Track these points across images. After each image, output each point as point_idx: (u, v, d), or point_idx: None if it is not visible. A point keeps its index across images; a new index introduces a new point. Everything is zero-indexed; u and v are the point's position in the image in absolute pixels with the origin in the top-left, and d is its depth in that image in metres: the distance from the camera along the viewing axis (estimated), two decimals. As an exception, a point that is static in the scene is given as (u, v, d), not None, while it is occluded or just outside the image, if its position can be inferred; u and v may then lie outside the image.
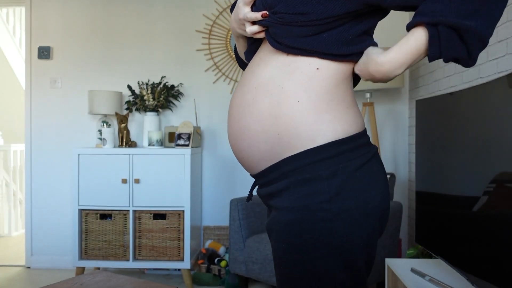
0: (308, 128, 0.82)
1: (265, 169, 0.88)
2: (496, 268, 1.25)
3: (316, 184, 0.80)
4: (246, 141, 0.88)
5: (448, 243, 1.58)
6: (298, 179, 0.82)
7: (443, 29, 0.71)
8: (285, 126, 0.83)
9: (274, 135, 0.84)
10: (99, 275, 1.47)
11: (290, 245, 0.82)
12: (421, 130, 1.87)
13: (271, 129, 0.84)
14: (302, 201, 0.81)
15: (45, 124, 3.26)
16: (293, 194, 0.82)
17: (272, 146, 0.85)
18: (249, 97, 0.88)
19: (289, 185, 0.83)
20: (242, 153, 0.91)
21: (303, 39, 0.81)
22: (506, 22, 1.70)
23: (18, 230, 4.42)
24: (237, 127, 0.90)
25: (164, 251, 2.77)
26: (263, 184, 0.91)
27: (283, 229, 0.83)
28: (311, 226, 0.80)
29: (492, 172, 1.27)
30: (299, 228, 0.81)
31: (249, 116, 0.87)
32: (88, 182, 2.76)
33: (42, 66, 3.26)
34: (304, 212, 0.80)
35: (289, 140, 0.83)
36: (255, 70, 0.89)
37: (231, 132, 0.93)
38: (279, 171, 0.85)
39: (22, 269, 3.21)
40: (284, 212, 0.84)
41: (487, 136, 1.31)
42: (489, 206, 1.30)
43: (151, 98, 3.00)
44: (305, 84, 0.83)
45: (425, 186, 1.82)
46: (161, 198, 2.75)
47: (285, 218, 0.83)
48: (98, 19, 3.25)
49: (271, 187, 0.88)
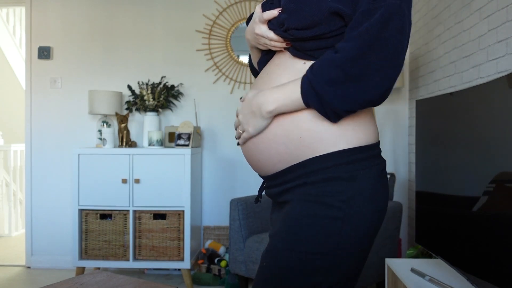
0: (333, 133, 0.84)
1: (283, 170, 0.88)
2: (496, 268, 1.25)
3: (337, 183, 0.82)
4: (264, 144, 0.89)
5: (448, 243, 1.58)
6: (320, 177, 0.84)
7: (306, 86, 0.81)
8: (308, 129, 0.84)
9: (296, 138, 0.85)
10: (99, 275, 1.47)
11: (293, 234, 0.84)
12: (421, 130, 1.87)
13: (292, 132, 0.85)
14: (320, 194, 0.83)
15: (45, 124, 3.26)
16: (311, 188, 0.84)
17: (292, 149, 0.86)
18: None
19: (308, 182, 0.84)
20: (258, 155, 0.92)
21: (320, 51, 0.84)
22: (506, 22, 1.70)
23: (18, 230, 4.43)
24: None
25: (164, 251, 2.77)
26: (278, 184, 0.91)
27: (294, 217, 0.84)
28: (322, 222, 0.82)
29: (492, 172, 1.27)
30: (311, 220, 0.82)
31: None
32: (88, 182, 2.76)
33: (42, 66, 3.26)
34: (320, 205, 0.82)
35: (311, 143, 0.84)
36: (272, 76, 0.91)
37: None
38: (300, 171, 0.86)
39: (22, 269, 3.22)
40: (295, 204, 0.85)
41: (487, 136, 1.31)
42: (489, 206, 1.30)
43: (151, 98, 3.01)
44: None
45: (425, 186, 1.82)
46: (161, 198, 2.75)
47: (300, 208, 0.84)
48: (98, 19, 3.25)
49: (287, 185, 0.89)
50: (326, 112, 0.81)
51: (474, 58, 1.98)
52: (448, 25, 2.29)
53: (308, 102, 0.81)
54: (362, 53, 0.75)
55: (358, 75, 0.76)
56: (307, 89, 0.80)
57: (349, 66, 0.76)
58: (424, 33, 2.70)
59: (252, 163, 0.96)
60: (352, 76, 0.76)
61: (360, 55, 0.75)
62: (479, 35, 1.93)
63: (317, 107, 0.81)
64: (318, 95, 0.79)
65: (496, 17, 1.78)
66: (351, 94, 0.77)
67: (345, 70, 0.76)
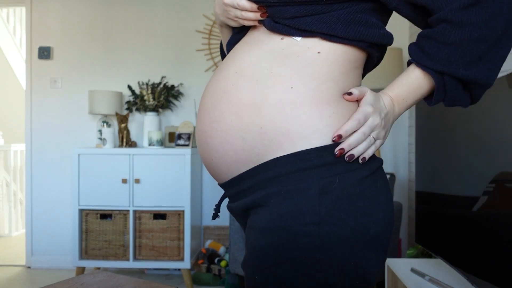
0: (302, 122, 0.64)
1: (237, 176, 0.69)
2: (496, 268, 1.25)
3: (302, 199, 0.62)
4: (217, 137, 0.69)
5: (448, 243, 1.58)
6: (280, 190, 0.63)
7: (448, 79, 0.66)
8: (271, 118, 0.65)
9: (255, 129, 0.65)
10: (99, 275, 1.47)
11: (263, 277, 0.64)
12: (421, 130, 1.87)
13: (251, 121, 0.65)
14: (282, 221, 0.62)
15: (45, 124, 3.26)
16: (271, 211, 0.64)
17: (250, 144, 0.66)
18: (227, 84, 0.70)
19: (267, 199, 0.65)
20: (210, 152, 0.71)
21: (302, 19, 0.66)
22: (506, 22, 1.70)
23: (18, 230, 4.42)
24: (207, 120, 0.71)
25: (164, 251, 2.77)
26: (234, 196, 0.72)
27: (256, 256, 0.66)
28: (291, 255, 0.62)
29: (492, 172, 1.27)
30: (275, 256, 0.63)
31: (225, 106, 0.68)
32: (88, 182, 2.76)
33: (42, 66, 3.26)
34: (283, 236, 0.62)
35: (274, 137, 0.64)
36: (237, 54, 0.73)
37: (199, 127, 0.73)
38: (255, 179, 0.66)
39: (22, 269, 3.22)
40: (258, 234, 0.65)
41: (487, 136, 1.31)
42: (489, 206, 1.30)
43: (151, 98, 3.01)
44: (303, 69, 0.66)
45: (425, 186, 1.82)
46: (161, 198, 2.75)
47: (260, 243, 0.65)
48: (98, 19, 3.25)
49: (244, 200, 0.69)
50: (472, 95, 0.67)
51: (474, 58, 1.98)
52: (448, 25, 2.29)
53: (446, 95, 0.67)
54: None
55: (500, 40, 0.62)
56: (448, 81, 0.65)
57: (494, 40, 0.62)
58: (424, 33, 2.70)
59: (207, 166, 0.75)
60: (496, 44, 0.62)
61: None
62: (479, 35, 1.93)
63: (462, 98, 0.67)
64: (460, 80, 0.65)
65: (496, 17, 1.77)
66: (497, 61, 0.64)
67: (490, 44, 0.62)
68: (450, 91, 0.67)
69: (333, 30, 0.66)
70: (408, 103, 0.71)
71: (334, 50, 0.68)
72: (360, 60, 0.72)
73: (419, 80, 0.68)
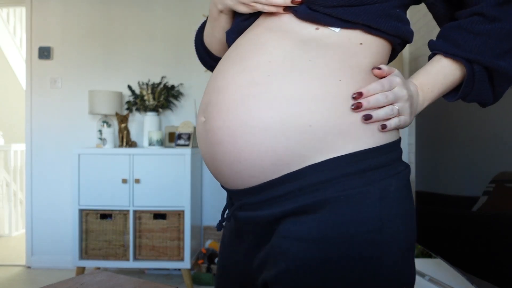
0: (355, 119, 0.59)
1: (274, 180, 0.60)
2: (496, 268, 1.25)
3: (365, 204, 0.57)
4: (251, 136, 0.59)
5: (448, 243, 1.58)
6: (338, 196, 0.57)
7: (478, 69, 0.64)
8: (322, 115, 0.58)
9: (303, 127, 0.57)
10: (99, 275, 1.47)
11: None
12: (421, 130, 1.87)
13: (297, 118, 0.57)
14: (342, 229, 0.56)
15: (45, 124, 3.26)
16: (326, 219, 0.57)
17: (295, 144, 0.58)
18: (259, 74, 0.60)
19: (318, 205, 0.58)
20: (239, 154, 0.60)
21: (346, 9, 0.61)
22: (506, 22, 1.70)
23: (18, 230, 4.42)
24: (233, 116, 0.60)
25: (164, 251, 2.77)
26: (258, 204, 0.63)
27: (308, 269, 0.57)
28: (352, 271, 0.56)
29: (492, 172, 1.27)
30: (333, 272, 0.56)
31: (261, 100, 0.59)
32: (89, 182, 2.76)
33: (43, 66, 3.26)
34: (344, 247, 0.56)
35: (324, 136, 0.58)
36: (261, 42, 0.64)
37: (215, 125, 0.63)
38: (299, 183, 0.59)
39: (22, 269, 3.22)
40: (309, 244, 0.57)
41: (487, 136, 1.31)
42: (489, 206, 1.30)
43: (151, 98, 3.01)
44: (348, 60, 0.61)
45: (425, 186, 1.82)
46: (161, 198, 2.75)
47: (312, 255, 0.57)
48: (98, 19, 3.25)
49: (277, 207, 0.60)
50: (495, 90, 0.65)
51: (474, 58, 1.98)
52: (448, 25, 2.29)
53: (474, 87, 0.64)
54: None
55: None
56: (478, 71, 0.63)
57: None
58: (424, 33, 2.70)
59: (223, 168, 0.63)
60: None
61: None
62: (479, 35, 1.93)
63: (484, 92, 0.65)
64: (489, 71, 0.63)
65: (496, 17, 1.78)
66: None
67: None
68: (479, 83, 0.64)
69: (377, 23, 0.62)
70: (433, 94, 0.68)
71: (374, 43, 0.64)
72: (389, 55, 0.69)
73: (446, 70, 0.66)
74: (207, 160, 0.67)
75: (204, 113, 0.66)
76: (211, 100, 0.65)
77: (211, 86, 0.66)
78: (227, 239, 0.76)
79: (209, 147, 0.64)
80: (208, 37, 0.82)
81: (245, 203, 0.65)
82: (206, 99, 0.66)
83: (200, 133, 0.67)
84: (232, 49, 0.68)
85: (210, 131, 0.63)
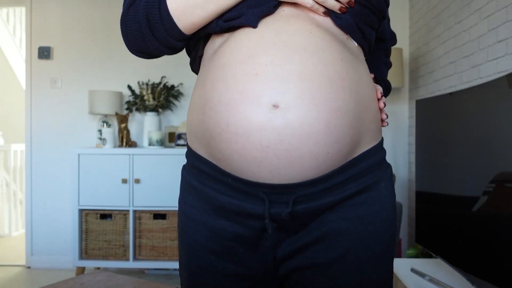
0: (379, 119, 0.74)
1: (342, 166, 0.67)
2: (496, 268, 1.25)
3: (392, 185, 0.74)
4: (342, 128, 0.64)
5: (448, 243, 1.58)
6: (382, 177, 0.72)
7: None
8: (373, 113, 0.71)
9: (366, 122, 0.69)
10: (99, 275, 1.47)
11: (389, 240, 0.72)
12: (421, 130, 1.87)
13: (365, 114, 0.68)
14: (392, 197, 0.73)
15: (45, 124, 3.26)
16: (383, 193, 0.71)
17: (358, 136, 0.68)
18: (340, 69, 0.65)
19: (375, 185, 0.70)
20: (329, 146, 0.63)
21: (367, 29, 0.73)
22: (506, 22, 1.70)
23: (18, 230, 4.42)
24: (332, 109, 0.63)
25: (164, 251, 2.77)
26: (328, 189, 0.67)
27: (383, 225, 0.71)
28: (391, 236, 0.73)
29: (492, 172, 1.27)
30: (394, 224, 0.74)
31: (348, 93, 0.65)
32: (88, 182, 2.76)
33: (42, 66, 3.26)
34: (394, 208, 0.74)
35: (369, 130, 0.70)
36: (317, 36, 0.66)
37: (317, 116, 0.62)
38: (359, 168, 0.69)
39: (22, 269, 3.21)
40: (382, 207, 0.71)
41: (487, 136, 1.31)
42: (489, 206, 1.30)
43: (151, 98, 3.01)
44: (366, 68, 0.74)
45: (425, 186, 1.82)
46: (161, 198, 2.75)
47: (385, 215, 0.71)
48: (98, 19, 3.25)
49: (344, 190, 0.68)
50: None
51: (474, 58, 1.98)
52: (448, 25, 2.29)
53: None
54: None
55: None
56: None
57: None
58: (424, 33, 2.70)
59: (295, 161, 0.63)
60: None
61: None
62: (479, 35, 1.93)
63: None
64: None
65: (496, 17, 1.78)
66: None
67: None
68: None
69: (372, 43, 0.78)
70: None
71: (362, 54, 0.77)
72: None
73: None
74: (263, 152, 0.62)
75: (276, 100, 0.61)
76: (291, 86, 0.61)
77: (278, 70, 0.62)
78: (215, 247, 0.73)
79: (284, 137, 0.61)
80: (193, 8, 0.68)
81: (303, 195, 0.65)
82: (277, 84, 0.61)
83: (264, 122, 0.61)
84: (275, 34, 0.66)
85: (295, 121, 0.61)
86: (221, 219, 0.70)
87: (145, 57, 0.76)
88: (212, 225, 0.71)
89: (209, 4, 0.67)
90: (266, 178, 0.64)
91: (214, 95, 0.65)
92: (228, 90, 0.63)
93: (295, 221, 0.68)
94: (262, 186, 0.65)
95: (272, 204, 0.65)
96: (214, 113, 0.65)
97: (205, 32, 0.72)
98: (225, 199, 0.69)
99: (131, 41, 0.73)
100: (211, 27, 0.70)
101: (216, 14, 0.68)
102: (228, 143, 0.63)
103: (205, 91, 0.68)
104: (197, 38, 0.74)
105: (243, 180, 0.65)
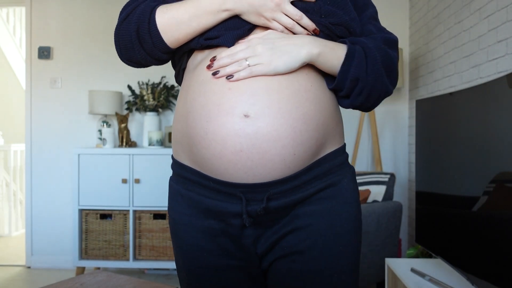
0: (341, 125, 0.85)
1: (309, 165, 0.76)
2: (496, 268, 1.25)
3: (355, 182, 0.84)
4: (306, 133, 0.74)
5: (448, 243, 1.58)
6: (349, 173, 0.83)
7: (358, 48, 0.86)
8: (337, 120, 0.82)
9: (329, 129, 0.78)
10: (99, 275, 1.47)
11: (354, 230, 0.82)
12: (421, 130, 1.87)
13: (328, 121, 0.78)
14: (355, 192, 0.82)
15: (45, 124, 3.26)
16: (347, 187, 0.81)
17: (323, 138, 0.78)
18: (305, 84, 0.76)
19: (337, 181, 0.80)
20: (296, 148, 0.73)
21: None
22: (506, 22, 1.70)
23: (18, 230, 4.42)
24: (298, 117, 0.73)
25: (164, 251, 2.77)
26: (298, 187, 0.77)
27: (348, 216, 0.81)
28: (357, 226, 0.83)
29: (492, 172, 1.27)
30: (358, 217, 0.84)
31: (313, 104, 0.75)
32: (88, 182, 2.76)
33: (42, 66, 3.26)
34: (358, 203, 0.84)
35: (334, 129, 0.81)
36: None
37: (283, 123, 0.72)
38: (323, 168, 0.79)
39: (22, 269, 3.22)
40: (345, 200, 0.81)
41: (487, 136, 1.31)
42: (489, 206, 1.30)
43: (151, 98, 3.01)
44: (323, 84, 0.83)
45: (425, 186, 1.82)
46: (161, 198, 2.75)
47: (349, 207, 0.81)
48: (98, 19, 3.25)
49: (311, 187, 0.78)
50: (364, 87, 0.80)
51: (474, 58, 1.98)
52: (448, 25, 2.29)
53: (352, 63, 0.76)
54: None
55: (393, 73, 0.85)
56: (358, 50, 0.77)
57: (394, 66, 0.83)
58: (424, 33, 2.70)
59: (265, 163, 0.72)
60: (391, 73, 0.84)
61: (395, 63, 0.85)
62: (479, 35, 1.93)
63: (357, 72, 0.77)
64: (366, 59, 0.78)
65: (496, 17, 1.78)
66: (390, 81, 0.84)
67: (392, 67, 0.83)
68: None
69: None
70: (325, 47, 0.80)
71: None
72: None
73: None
74: (237, 155, 0.72)
75: (246, 111, 0.71)
76: (260, 99, 0.72)
77: (248, 85, 0.73)
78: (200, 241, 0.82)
79: (255, 141, 0.71)
80: (178, 25, 0.78)
81: (275, 192, 0.75)
82: (247, 97, 0.72)
83: (237, 129, 0.71)
84: None
85: (264, 128, 0.71)
86: (209, 219, 0.79)
87: (134, 65, 0.86)
88: (202, 225, 0.80)
89: (193, 22, 0.77)
90: (242, 179, 0.73)
91: (195, 107, 0.75)
92: (207, 102, 0.73)
93: (270, 215, 0.77)
94: (239, 186, 0.74)
95: (249, 202, 0.75)
96: (195, 123, 0.74)
97: (188, 48, 0.81)
98: (209, 201, 0.78)
99: (122, 50, 0.83)
100: (193, 43, 0.80)
101: (198, 31, 0.78)
102: (207, 148, 0.73)
103: (187, 103, 0.77)
104: (182, 52, 0.84)
105: (222, 182, 0.74)
